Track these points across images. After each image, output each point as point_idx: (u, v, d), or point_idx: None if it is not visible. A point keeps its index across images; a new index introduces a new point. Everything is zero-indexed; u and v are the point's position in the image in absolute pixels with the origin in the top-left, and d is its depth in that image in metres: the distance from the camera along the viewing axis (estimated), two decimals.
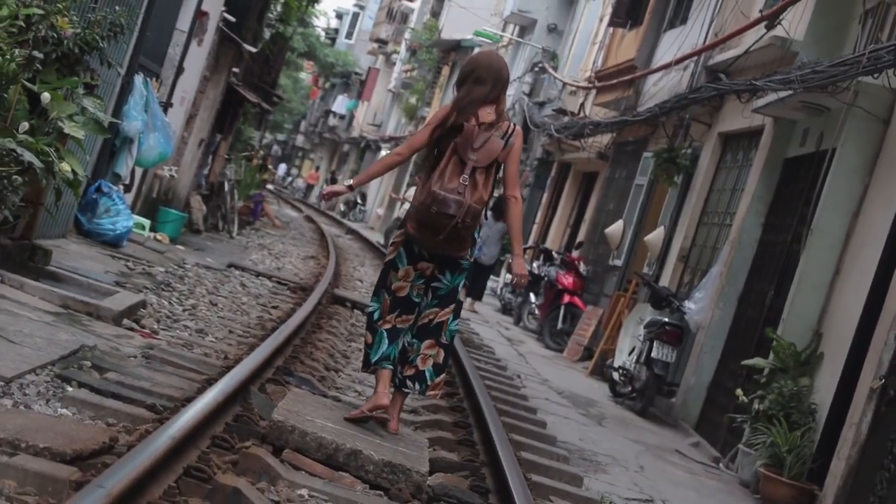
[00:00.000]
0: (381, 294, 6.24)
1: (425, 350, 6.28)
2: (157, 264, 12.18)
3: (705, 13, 15.94)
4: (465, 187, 6.04)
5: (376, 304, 6.24)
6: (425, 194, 6.06)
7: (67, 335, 6.96)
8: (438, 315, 6.32)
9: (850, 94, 10.12)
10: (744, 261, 12.73)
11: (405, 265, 6.21)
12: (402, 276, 6.21)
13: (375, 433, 5.98)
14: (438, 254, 6.22)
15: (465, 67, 6.44)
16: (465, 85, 6.30)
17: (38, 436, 4.39)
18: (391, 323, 6.19)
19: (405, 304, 6.22)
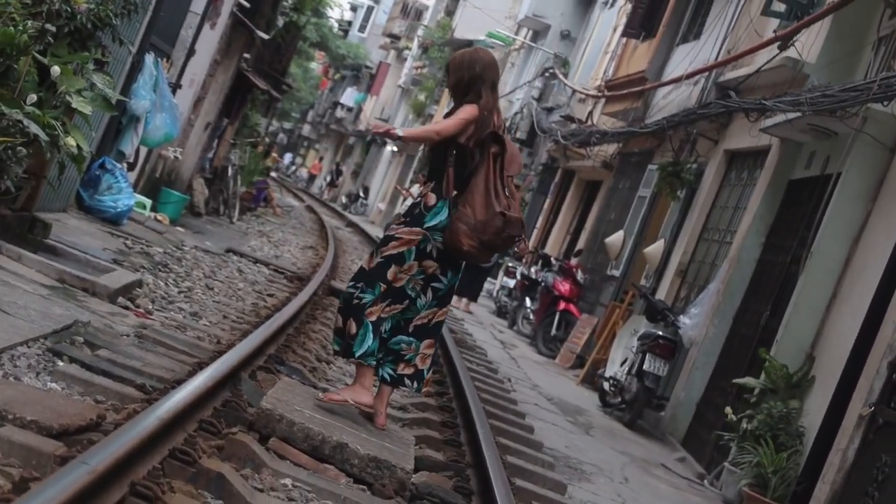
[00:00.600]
0: (377, 286, 6.11)
1: (424, 350, 6.25)
2: (155, 244, 12.17)
3: (719, 30, 15.94)
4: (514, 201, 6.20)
5: (371, 296, 6.09)
6: (491, 215, 6.05)
7: (62, 309, 6.95)
8: (437, 315, 6.30)
9: (859, 120, 10.12)
10: (741, 279, 12.74)
11: (412, 260, 6.15)
12: (406, 270, 6.15)
13: (363, 427, 5.97)
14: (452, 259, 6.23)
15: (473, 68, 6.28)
16: (483, 89, 6.23)
17: (26, 408, 4.38)
18: (377, 314, 6.09)
19: (397, 295, 6.16)
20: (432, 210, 6.15)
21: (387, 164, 53.75)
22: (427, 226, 6.13)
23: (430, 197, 6.18)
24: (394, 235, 6.19)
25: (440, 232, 6.12)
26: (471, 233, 6.05)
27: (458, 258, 6.23)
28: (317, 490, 4.93)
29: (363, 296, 6.11)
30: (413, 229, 6.16)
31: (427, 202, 6.18)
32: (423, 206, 6.18)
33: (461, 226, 6.07)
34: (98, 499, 3.56)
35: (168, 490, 3.92)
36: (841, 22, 11.40)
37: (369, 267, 6.15)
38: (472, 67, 6.28)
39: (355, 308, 6.10)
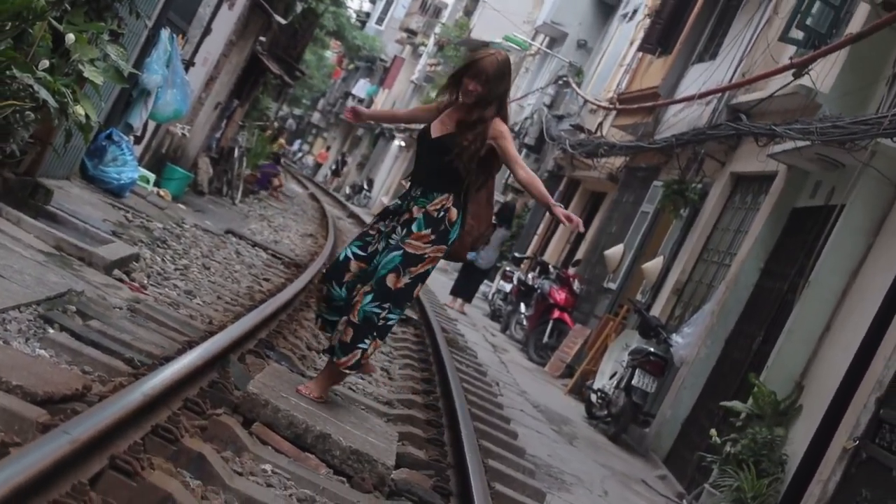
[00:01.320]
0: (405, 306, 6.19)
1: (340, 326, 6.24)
2: (156, 220, 12.17)
3: (735, 51, 15.93)
4: None
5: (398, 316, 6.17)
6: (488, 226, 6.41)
7: (57, 277, 6.95)
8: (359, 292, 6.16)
9: (867, 154, 10.12)
10: (737, 302, 12.74)
11: None
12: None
13: (347, 420, 5.97)
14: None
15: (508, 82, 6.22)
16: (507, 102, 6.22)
17: (13, 373, 4.37)
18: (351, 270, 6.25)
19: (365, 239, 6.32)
20: (455, 223, 6.16)
21: (393, 159, 53.73)
22: (450, 241, 6.16)
23: (453, 212, 6.13)
24: (423, 255, 6.10)
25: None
26: (469, 243, 6.23)
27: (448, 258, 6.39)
28: (296, 478, 4.93)
29: (391, 317, 6.11)
30: (440, 247, 6.13)
31: (451, 217, 6.13)
32: (448, 222, 6.12)
33: (468, 240, 6.19)
34: (77, 469, 3.55)
35: (148, 466, 3.91)
36: (857, 54, 11.38)
37: (396, 287, 6.06)
38: (507, 81, 6.20)
39: (382, 329, 6.13)
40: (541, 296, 19.01)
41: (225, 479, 4.38)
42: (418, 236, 6.10)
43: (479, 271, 21.47)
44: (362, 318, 6.04)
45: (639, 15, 24.96)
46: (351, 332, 6.06)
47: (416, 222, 6.12)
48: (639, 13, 25.16)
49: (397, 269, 6.06)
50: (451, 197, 6.13)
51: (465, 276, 21.65)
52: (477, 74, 6.08)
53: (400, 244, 6.12)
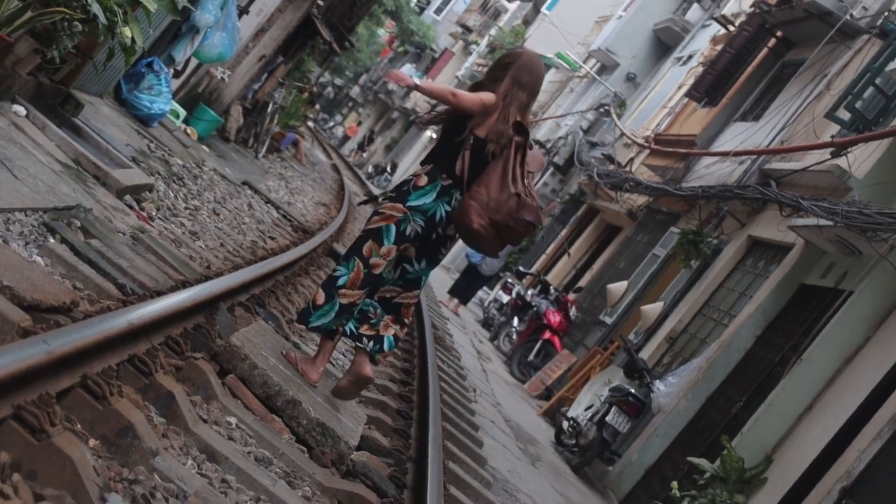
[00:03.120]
0: (352, 260, 5.97)
1: (389, 321, 6.15)
2: (177, 155, 12.17)
3: (780, 118, 15.92)
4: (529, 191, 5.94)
5: (345, 270, 5.97)
6: (507, 195, 5.84)
7: (69, 189, 6.95)
8: (400, 296, 6.16)
9: (887, 247, 10.11)
10: (726, 364, 12.73)
11: (391, 244, 5.96)
12: (383, 254, 5.96)
13: (320, 392, 5.97)
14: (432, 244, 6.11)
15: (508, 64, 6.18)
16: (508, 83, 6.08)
17: (5, 273, 4.38)
18: (351, 298, 5.98)
19: (375, 282, 6.05)
20: (420, 190, 5.98)
21: (421, 148, 53.73)
22: (409, 205, 5.95)
23: (422, 178, 6.01)
24: (377, 210, 6.05)
25: (422, 214, 5.96)
26: (482, 210, 5.83)
27: (468, 240, 6.01)
28: (258, 437, 4.93)
29: (339, 269, 6.01)
30: (395, 205, 5.98)
31: (417, 182, 6.01)
32: (412, 186, 6.00)
33: (472, 203, 5.86)
34: (48, 380, 3.55)
35: (117, 393, 3.91)
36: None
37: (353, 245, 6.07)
38: (507, 63, 6.18)
39: (328, 281, 6.02)
40: (536, 314, 19.01)
41: (189, 422, 4.38)
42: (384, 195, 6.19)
43: (481, 277, 21.49)
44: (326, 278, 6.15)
45: (693, 61, 24.93)
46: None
47: None
48: (693, 59, 25.14)
49: None
50: (429, 167, 6.07)
51: (466, 278, 21.68)
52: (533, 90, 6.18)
53: None
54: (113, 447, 3.73)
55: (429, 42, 67.02)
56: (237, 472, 4.33)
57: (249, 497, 4.24)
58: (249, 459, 4.59)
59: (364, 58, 67.55)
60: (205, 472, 4.16)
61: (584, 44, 37.74)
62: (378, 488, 5.36)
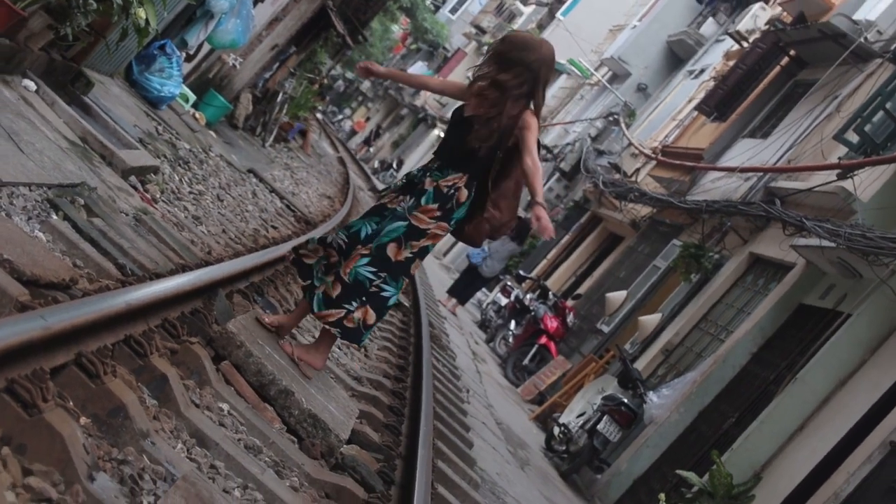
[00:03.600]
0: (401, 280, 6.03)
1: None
2: (184, 139, 12.17)
3: (788, 137, 15.91)
4: None
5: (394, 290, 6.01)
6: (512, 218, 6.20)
7: (74, 167, 6.95)
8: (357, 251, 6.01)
9: (887, 272, 10.11)
10: (720, 379, 12.73)
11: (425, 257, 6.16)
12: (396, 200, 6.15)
13: (313, 384, 5.97)
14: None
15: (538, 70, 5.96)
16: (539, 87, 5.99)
17: (6, 246, 4.38)
18: None
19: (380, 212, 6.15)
20: (462, 205, 6.02)
21: (428, 146, 53.73)
22: (452, 221, 6.03)
23: (463, 192, 6.00)
24: (426, 230, 5.99)
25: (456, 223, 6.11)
26: (489, 232, 6.10)
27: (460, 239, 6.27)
28: (249, 425, 4.93)
29: (386, 288, 5.97)
30: (443, 224, 6.00)
31: (459, 197, 6.00)
32: (456, 202, 6.00)
33: (486, 227, 6.06)
34: (43, 356, 3.56)
35: (111, 372, 3.92)
36: None
37: (396, 258, 5.97)
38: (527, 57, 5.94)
39: (375, 298, 5.97)
40: (533, 319, 19.02)
41: (181, 406, 4.38)
42: (425, 209, 5.99)
43: (481, 278, 21.49)
44: (353, 280, 5.93)
45: (705, 75, 24.93)
46: (339, 288, 5.96)
47: (425, 195, 6.02)
48: (705, 73, 25.14)
49: (399, 240, 5.97)
50: (465, 177, 6.01)
51: (466, 278, 21.67)
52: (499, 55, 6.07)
53: (406, 214, 6.00)
54: (104, 426, 3.73)
55: (442, 41, 67.03)
56: (226, 458, 4.33)
57: (237, 484, 4.24)
58: (239, 447, 4.59)
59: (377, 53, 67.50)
60: (194, 456, 4.16)
61: (596, 51, 37.74)
62: (366, 483, 5.36)
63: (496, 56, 6.04)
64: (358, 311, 5.98)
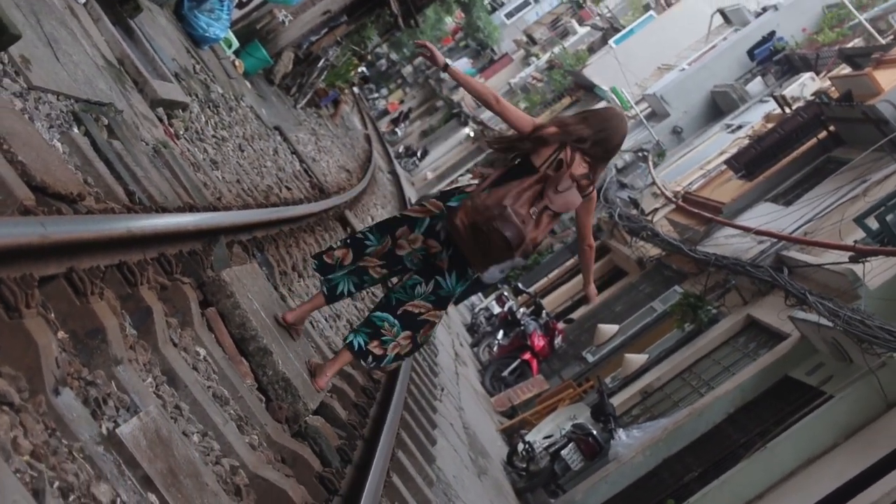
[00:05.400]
0: (385, 235, 6.02)
1: (401, 339, 6.09)
2: (219, 83, 12.17)
3: (809, 209, 15.88)
4: (531, 221, 5.75)
5: (374, 241, 6.02)
6: (494, 202, 5.69)
7: (105, 87, 6.95)
8: (429, 312, 6.14)
9: (878, 362, 10.10)
10: (692, 432, 12.71)
11: (420, 233, 5.99)
12: (411, 240, 6.00)
13: (293, 348, 5.96)
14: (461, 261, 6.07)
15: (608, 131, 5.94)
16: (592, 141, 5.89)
17: (23, 148, 4.38)
18: (369, 265, 6.05)
19: (393, 261, 6.06)
20: (464, 194, 5.95)
21: (455, 143, 53.70)
22: (448, 204, 5.96)
23: (470, 186, 6.02)
24: (420, 202, 6.14)
25: None
26: (470, 211, 5.73)
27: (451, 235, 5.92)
28: (221, 375, 4.93)
29: (370, 238, 6.06)
30: (436, 202, 6.03)
31: (465, 188, 6.02)
32: (459, 189, 6.05)
33: (467, 202, 5.79)
34: (35, 263, 3.56)
35: (98, 293, 3.91)
36: None
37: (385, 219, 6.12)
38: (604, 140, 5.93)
39: (356, 244, 6.08)
40: (522, 333, 19.02)
41: (160, 341, 4.39)
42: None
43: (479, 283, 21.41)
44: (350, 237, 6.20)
45: (742, 132, 24.89)
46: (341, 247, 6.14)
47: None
48: (742, 130, 25.10)
49: None
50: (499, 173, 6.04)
51: None
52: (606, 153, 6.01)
53: None
54: (80, 345, 3.73)
55: (492, 42, 67.01)
56: (192, 402, 4.34)
57: (197, 430, 4.25)
58: (207, 394, 4.59)
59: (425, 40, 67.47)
60: (161, 393, 4.16)
61: (640, 86, 37.68)
62: (323, 456, 5.36)
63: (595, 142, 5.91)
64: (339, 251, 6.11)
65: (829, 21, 29.06)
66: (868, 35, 24.28)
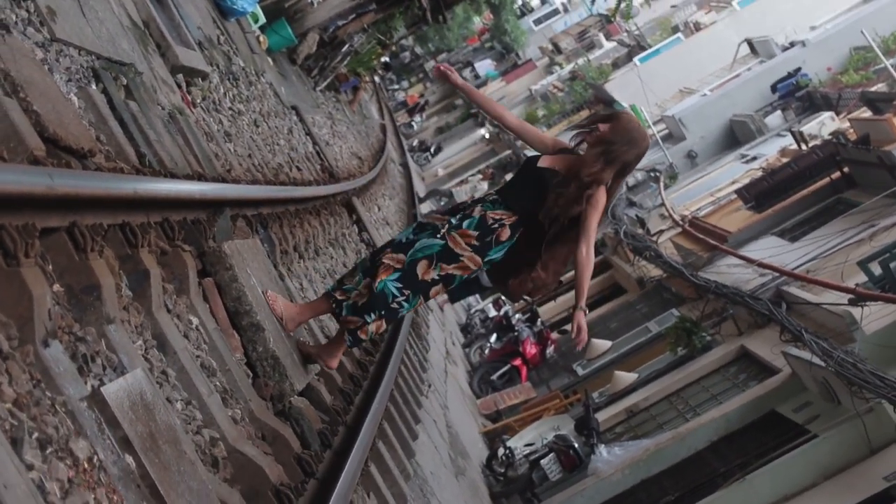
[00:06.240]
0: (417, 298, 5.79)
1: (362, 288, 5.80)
2: (241, 56, 12.17)
3: (815, 248, 15.87)
4: None
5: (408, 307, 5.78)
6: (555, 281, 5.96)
7: (128, 47, 6.95)
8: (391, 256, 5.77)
9: (866, 407, 10.10)
10: (673, 456, 12.72)
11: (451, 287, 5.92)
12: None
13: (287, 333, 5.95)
14: None
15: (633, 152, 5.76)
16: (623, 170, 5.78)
17: (39, 98, 4.38)
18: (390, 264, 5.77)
19: None
20: (501, 245, 5.74)
21: (470, 143, 53.71)
22: (486, 259, 5.75)
23: (506, 232, 5.73)
24: (460, 256, 5.74)
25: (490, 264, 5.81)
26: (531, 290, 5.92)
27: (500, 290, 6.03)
28: (211, 346, 4.92)
29: (404, 305, 5.76)
30: (475, 258, 5.73)
31: (500, 235, 5.74)
32: (496, 238, 5.73)
33: (530, 285, 5.86)
34: (38, 214, 3.55)
35: (98, 251, 3.90)
36: None
37: (423, 277, 5.74)
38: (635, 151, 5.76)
39: (391, 312, 5.76)
40: (515, 339, 19.02)
41: (154, 305, 4.38)
42: (464, 233, 5.74)
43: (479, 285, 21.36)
44: (380, 291, 5.70)
45: (756, 163, 24.89)
46: (366, 297, 5.74)
47: (469, 220, 5.76)
48: (756, 162, 25.10)
49: (431, 258, 5.73)
50: (514, 217, 5.75)
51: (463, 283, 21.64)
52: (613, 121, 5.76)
53: (445, 234, 5.76)
54: (74, 300, 3.73)
55: (517, 47, 67.00)
56: (179, 369, 4.33)
57: (182, 398, 4.24)
58: (195, 363, 4.59)
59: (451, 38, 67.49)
60: (150, 357, 4.16)
61: (660, 106, 37.68)
62: (304, 438, 5.35)
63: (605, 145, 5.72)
64: (373, 325, 5.79)
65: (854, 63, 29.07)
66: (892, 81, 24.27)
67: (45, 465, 2.88)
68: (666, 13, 53.23)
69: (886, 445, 10.22)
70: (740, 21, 38.91)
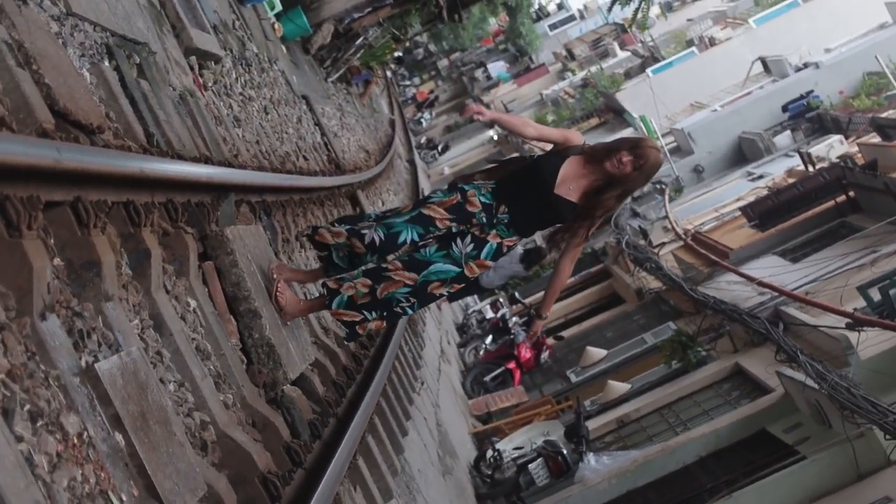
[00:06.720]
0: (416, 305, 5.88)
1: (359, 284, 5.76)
2: (255, 42, 12.17)
3: (815, 270, 15.87)
4: None
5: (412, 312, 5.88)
6: None
7: (143, 26, 6.95)
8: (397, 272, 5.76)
9: (856, 431, 10.09)
10: (660, 468, 12.72)
11: None
12: None
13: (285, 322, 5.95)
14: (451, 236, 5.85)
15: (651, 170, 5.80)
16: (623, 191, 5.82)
17: (51, 71, 4.38)
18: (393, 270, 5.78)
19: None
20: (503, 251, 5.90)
21: (478, 143, 53.75)
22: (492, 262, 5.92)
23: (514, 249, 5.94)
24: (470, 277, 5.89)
25: None
26: None
27: None
28: (208, 330, 4.92)
29: (407, 309, 5.85)
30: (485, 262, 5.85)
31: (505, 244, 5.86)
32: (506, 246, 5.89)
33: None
34: (43, 187, 3.55)
35: (100, 227, 3.90)
36: None
37: (431, 291, 5.82)
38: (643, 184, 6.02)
39: (393, 315, 5.85)
40: (510, 342, 19.01)
41: (153, 285, 4.38)
42: (482, 263, 5.84)
43: (477, 285, 21.42)
44: (385, 299, 5.76)
45: (762, 182, 24.90)
46: (367, 300, 5.76)
47: (487, 247, 5.82)
48: (763, 181, 25.11)
49: (445, 281, 5.80)
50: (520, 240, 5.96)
51: None
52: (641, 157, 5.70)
53: (462, 262, 5.80)
54: (74, 275, 3.73)
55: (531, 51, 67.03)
56: (174, 351, 4.33)
57: (175, 379, 4.24)
58: (190, 345, 4.59)
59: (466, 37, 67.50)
60: (145, 337, 4.16)
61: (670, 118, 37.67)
62: (294, 427, 5.36)
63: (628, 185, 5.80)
64: (373, 323, 5.82)
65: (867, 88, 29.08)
66: None
67: (34, 437, 2.88)
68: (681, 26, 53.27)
69: (875, 471, 10.22)
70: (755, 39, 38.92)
